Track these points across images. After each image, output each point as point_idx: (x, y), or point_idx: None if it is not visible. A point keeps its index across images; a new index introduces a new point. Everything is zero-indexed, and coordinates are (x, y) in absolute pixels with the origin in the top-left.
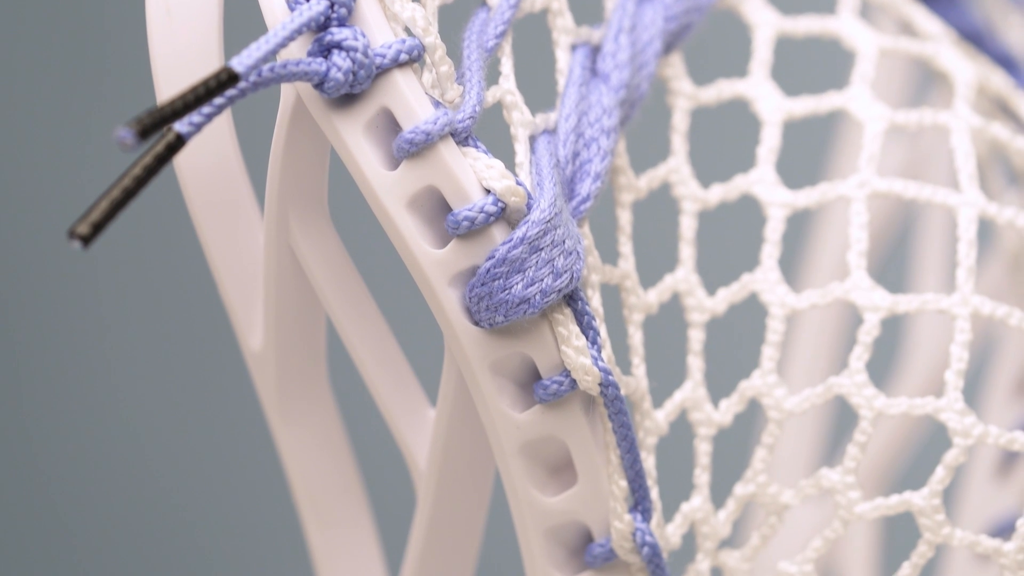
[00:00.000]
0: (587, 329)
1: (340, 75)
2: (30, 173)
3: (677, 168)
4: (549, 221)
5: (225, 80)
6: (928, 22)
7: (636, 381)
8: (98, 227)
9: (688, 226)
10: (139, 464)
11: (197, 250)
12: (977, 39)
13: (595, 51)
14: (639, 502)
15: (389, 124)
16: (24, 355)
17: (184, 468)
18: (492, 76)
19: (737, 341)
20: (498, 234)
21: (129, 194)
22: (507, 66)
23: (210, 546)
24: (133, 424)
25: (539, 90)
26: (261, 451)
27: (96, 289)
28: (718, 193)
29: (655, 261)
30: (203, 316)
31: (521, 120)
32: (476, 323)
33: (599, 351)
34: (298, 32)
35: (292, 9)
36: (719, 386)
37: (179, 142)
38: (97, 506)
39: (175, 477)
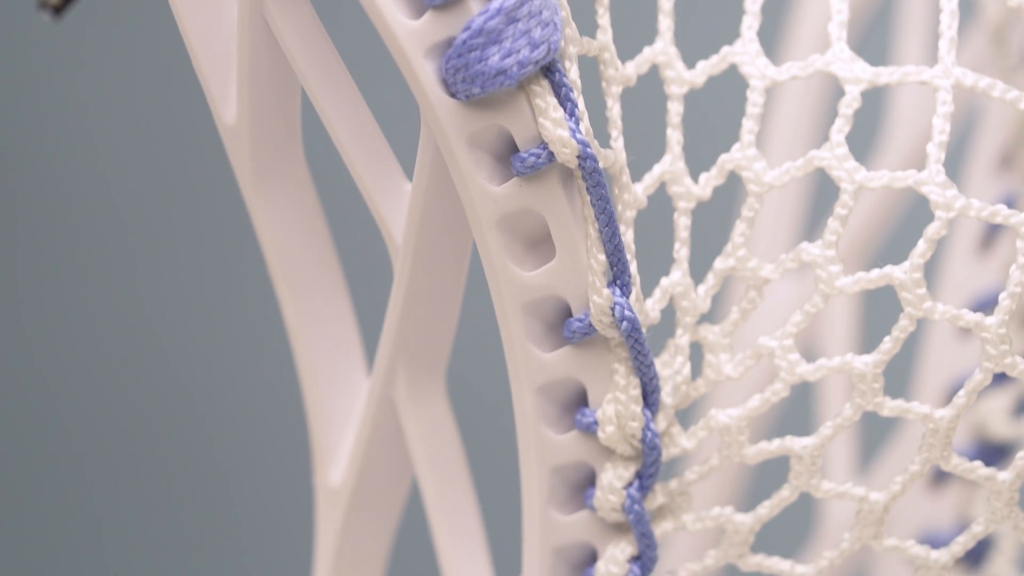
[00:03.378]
0: (565, 101)
1: None
2: None
3: None
4: None
5: None
6: None
7: (614, 154)
8: None
9: None
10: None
11: (171, 22)
12: None
13: None
14: (618, 276)
15: None
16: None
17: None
18: None
19: (717, 114)
20: (474, 5)
21: None
22: None
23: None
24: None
25: None
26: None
27: (74, 63)
28: None
29: (633, 34)
30: (178, 89)
31: None
32: (452, 95)
33: (577, 123)
34: None
35: None
36: (699, 160)
37: None
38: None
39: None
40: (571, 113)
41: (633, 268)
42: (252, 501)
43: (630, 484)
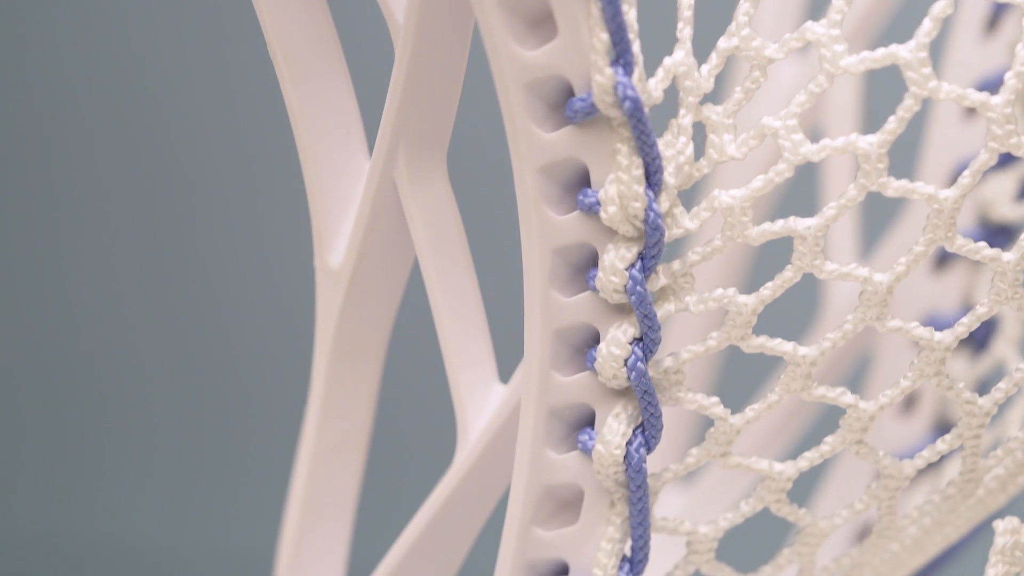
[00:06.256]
0: None
1: None
2: None
3: None
4: None
5: None
6: None
7: None
8: None
9: None
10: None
11: None
12: None
13: None
14: (620, 55)
15: None
16: None
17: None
18: None
19: None
20: None
21: None
22: None
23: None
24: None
25: None
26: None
27: None
28: None
29: None
30: None
31: None
32: None
33: None
34: None
35: None
36: None
37: None
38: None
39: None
40: None
41: (636, 48)
42: (250, 284)
43: (632, 265)
